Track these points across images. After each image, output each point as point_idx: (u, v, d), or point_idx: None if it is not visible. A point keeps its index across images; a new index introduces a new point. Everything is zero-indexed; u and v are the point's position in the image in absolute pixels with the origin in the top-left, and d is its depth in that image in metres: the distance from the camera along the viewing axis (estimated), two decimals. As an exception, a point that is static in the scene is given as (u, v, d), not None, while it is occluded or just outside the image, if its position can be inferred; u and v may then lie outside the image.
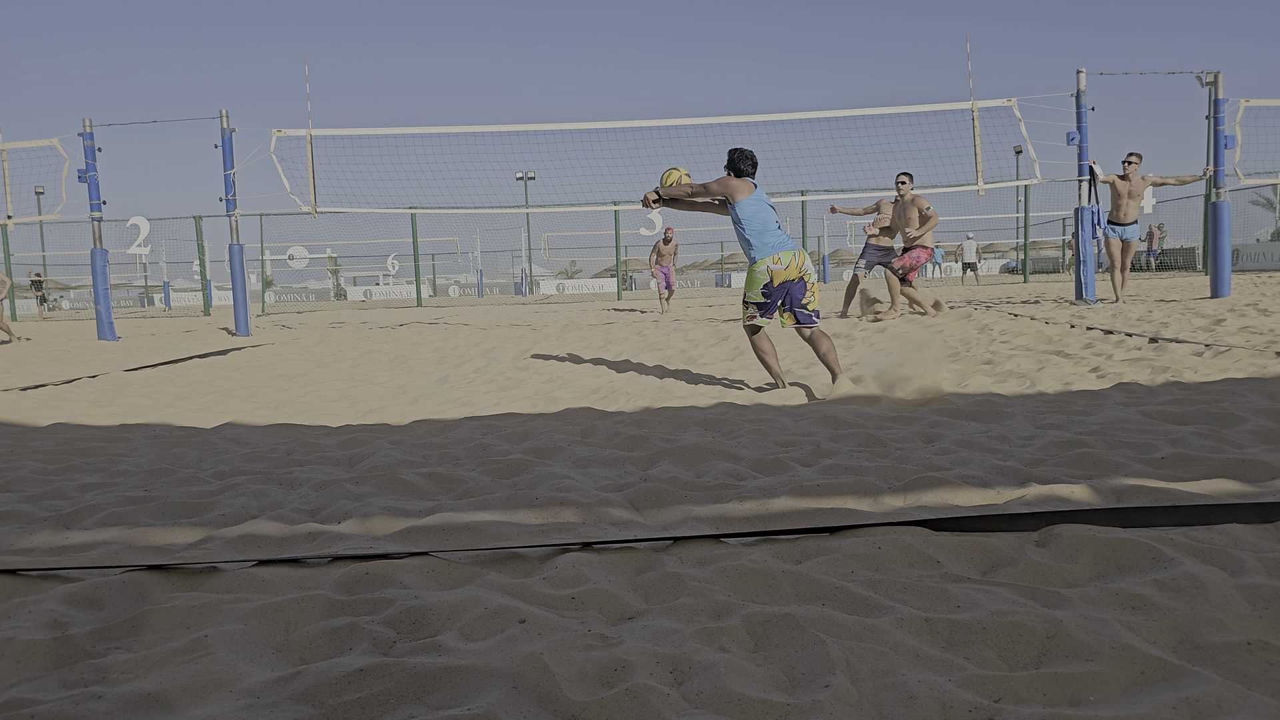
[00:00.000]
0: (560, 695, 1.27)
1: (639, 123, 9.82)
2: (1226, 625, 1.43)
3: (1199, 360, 4.74)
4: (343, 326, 11.98)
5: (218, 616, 1.60)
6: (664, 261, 12.99)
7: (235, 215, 10.03)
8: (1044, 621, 1.43)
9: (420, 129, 9.87)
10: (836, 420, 3.50)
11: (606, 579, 1.76)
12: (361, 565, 1.84)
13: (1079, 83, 9.35)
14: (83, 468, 3.15)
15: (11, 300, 21.12)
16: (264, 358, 7.60)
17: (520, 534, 2.10)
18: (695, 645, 1.42)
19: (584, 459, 2.98)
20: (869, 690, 1.27)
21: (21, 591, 1.77)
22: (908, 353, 4.54)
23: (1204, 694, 1.19)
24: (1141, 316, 7.58)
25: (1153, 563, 1.68)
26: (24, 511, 2.46)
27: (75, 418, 4.60)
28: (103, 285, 10.44)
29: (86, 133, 10.06)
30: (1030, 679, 1.28)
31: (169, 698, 1.30)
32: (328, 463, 3.15)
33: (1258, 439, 2.76)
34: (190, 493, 2.65)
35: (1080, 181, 9.45)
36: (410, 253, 21.80)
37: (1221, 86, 9.46)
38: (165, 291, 36.45)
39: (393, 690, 1.30)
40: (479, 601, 1.61)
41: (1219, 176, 9.57)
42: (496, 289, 44.70)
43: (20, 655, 1.45)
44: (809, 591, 1.65)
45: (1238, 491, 2.18)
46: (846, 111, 9.85)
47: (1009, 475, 2.47)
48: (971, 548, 1.84)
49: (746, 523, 2.16)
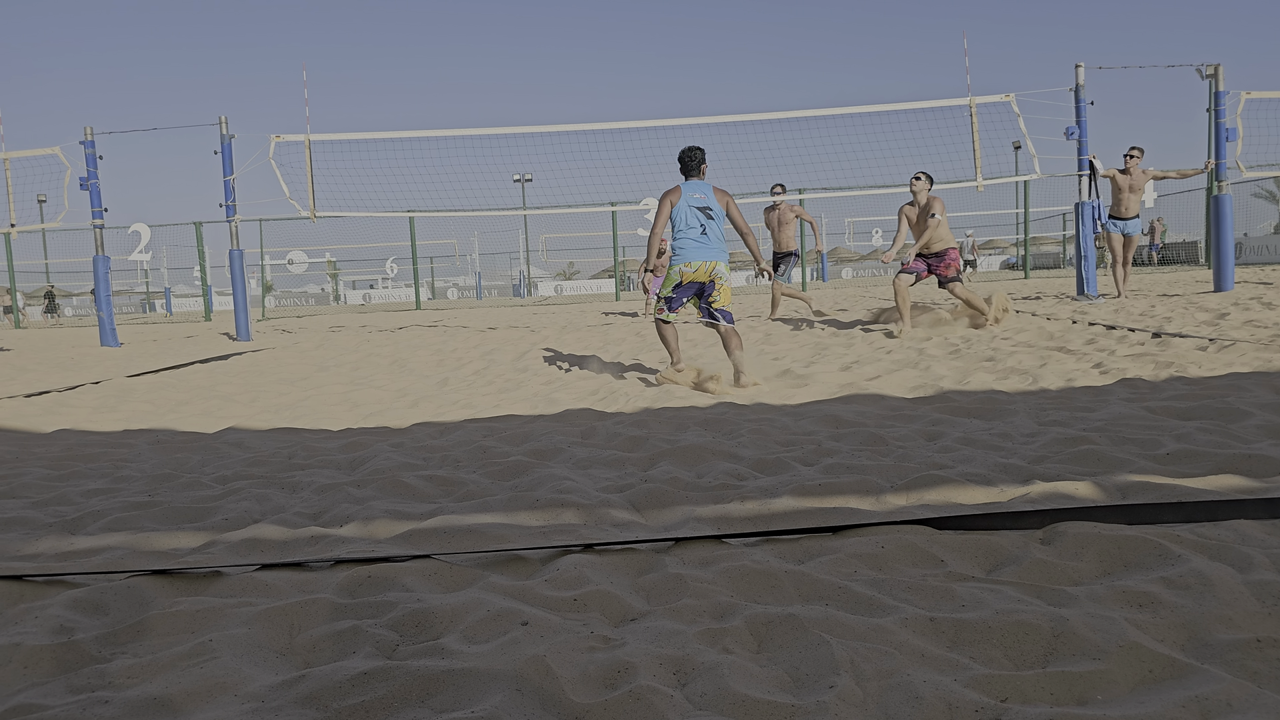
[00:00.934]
0: (563, 697, 1.27)
1: (635, 123, 9.82)
2: (1235, 622, 1.42)
3: (1203, 355, 4.72)
4: (342, 330, 11.99)
5: (222, 621, 1.60)
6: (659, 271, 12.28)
7: (235, 221, 10.04)
8: (1050, 620, 1.42)
9: (417, 132, 9.88)
10: (837, 419, 3.49)
11: (608, 580, 1.76)
12: (364, 568, 1.83)
13: (1078, 77, 9.33)
14: (87, 473, 3.16)
15: (15, 308, 21.20)
16: (265, 362, 7.61)
17: (521, 536, 2.09)
18: (698, 646, 1.41)
19: (584, 460, 2.97)
20: (874, 691, 1.26)
21: (28, 597, 1.77)
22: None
23: (1213, 692, 1.18)
24: (1144, 311, 7.56)
25: (1159, 560, 1.67)
26: (29, 518, 2.46)
27: (79, 424, 4.60)
28: (105, 292, 10.46)
29: (88, 140, 10.08)
30: (1037, 678, 1.27)
31: (174, 702, 1.29)
32: (329, 466, 3.15)
33: (1264, 434, 2.75)
34: (193, 497, 2.65)
35: (1080, 176, 9.43)
36: (409, 256, 21.81)
37: (1222, 79, 9.43)
38: (167, 297, 36.53)
39: (396, 693, 1.29)
40: (481, 604, 1.60)
41: (1220, 170, 9.55)
42: (495, 291, 44.74)
43: (27, 660, 1.45)
44: (812, 592, 1.64)
45: (1244, 487, 2.18)
46: (843, 109, 9.85)
47: (1012, 473, 2.46)
48: (976, 546, 1.83)
49: (748, 523, 2.15)
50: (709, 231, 5.20)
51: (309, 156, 9.61)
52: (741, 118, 9.74)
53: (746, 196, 16.36)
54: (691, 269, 5.17)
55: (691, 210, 5.23)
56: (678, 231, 5.23)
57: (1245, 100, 9.41)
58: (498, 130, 9.88)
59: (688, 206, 5.23)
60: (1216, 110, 9.45)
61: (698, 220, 5.21)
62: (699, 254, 5.18)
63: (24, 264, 23.20)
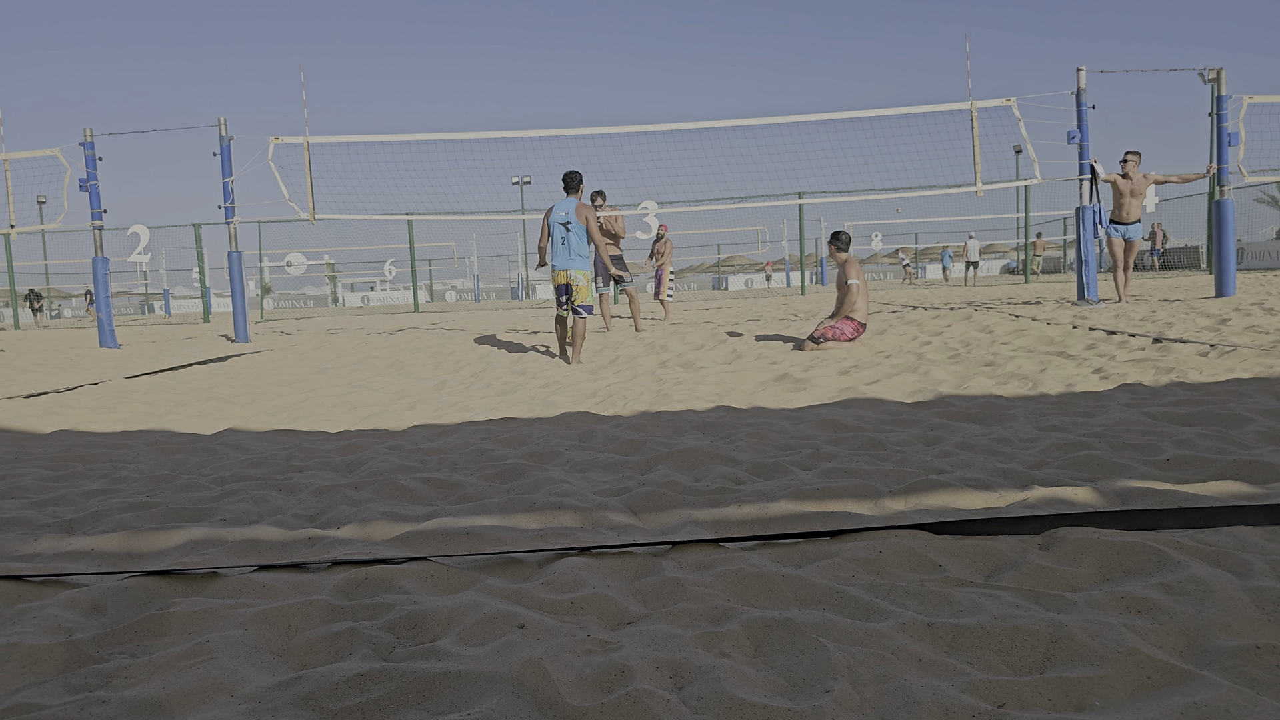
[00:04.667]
0: (560, 700, 1.26)
1: (633, 128, 9.83)
2: (1234, 629, 1.41)
3: (1204, 360, 4.72)
4: (341, 332, 11.98)
5: (219, 622, 1.59)
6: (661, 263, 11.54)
7: (234, 223, 10.04)
8: (1048, 626, 1.42)
9: (417, 135, 9.88)
10: (836, 424, 3.49)
11: (605, 584, 1.75)
12: (361, 570, 1.83)
13: (1079, 81, 9.33)
14: (85, 474, 3.15)
15: (14, 309, 21.21)
16: (263, 364, 7.60)
17: (518, 539, 2.09)
18: (695, 650, 1.41)
19: (582, 463, 2.97)
20: (871, 695, 1.26)
21: (26, 597, 1.77)
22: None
23: (1212, 699, 1.18)
24: (1145, 316, 7.56)
25: (1159, 566, 1.67)
26: (28, 518, 2.45)
27: (78, 424, 4.60)
28: (104, 293, 10.45)
29: (87, 142, 10.08)
30: (1034, 684, 1.27)
31: (171, 703, 1.29)
32: (327, 468, 3.14)
33: (1264, 440, 2.74)
34: (191, 499, 2.65)
35: (1081, 180, 9.43)
36: (407, 258, 21.81)
37: (1224, 83, 9.43)
38: (165, 299, 36.57)
39: (393, 695, 1.29)
40: (478, 606, 1.60)
41: (1222, 174, 9.55)
42: (493, 294, 44.75)
43: (25, 660, 1.45)
44: (809, 596, 1.64)
45: (1245, 493, 2.17)
46: (843, 114, 9.85)
47: (1011, 478, 2.45)
48: (974, 551, 1.83)
49: (746, 527, 2.15)
50: (568, 243, 6.49)
51: (308, 159, 9.61)
52: (741, 122, 9.74)
53: (747, 201, 16.35)
54: (556, 274, 6.57)
55: (556, 225, 6.51)
56: (551, 241, 6.60)
57: (1248, 105, 9.40)
58: (497, 134, 9.89)
59: (554, 222, 6.52)
60: (1219, 115, 9.43)
61: (560, 233, 6.51)
62: (559, 262, 6.55)
63: (23, 265, 23.21)
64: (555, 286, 6.59)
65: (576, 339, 6.45)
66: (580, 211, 6.51)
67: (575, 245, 6.49)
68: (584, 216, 6.50)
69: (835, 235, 6.96)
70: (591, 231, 6.49)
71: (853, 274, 6.73)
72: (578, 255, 6.51)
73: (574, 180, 6.67)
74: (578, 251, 6.50)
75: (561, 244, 6.51)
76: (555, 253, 6.54)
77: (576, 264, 6.50)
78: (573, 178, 6.67)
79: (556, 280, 6.57)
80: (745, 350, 6.74)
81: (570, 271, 6.48)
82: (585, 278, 6.53)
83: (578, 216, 6.49)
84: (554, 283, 6.59)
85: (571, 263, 6.49)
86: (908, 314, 9.11)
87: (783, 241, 36.13)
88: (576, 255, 6.50)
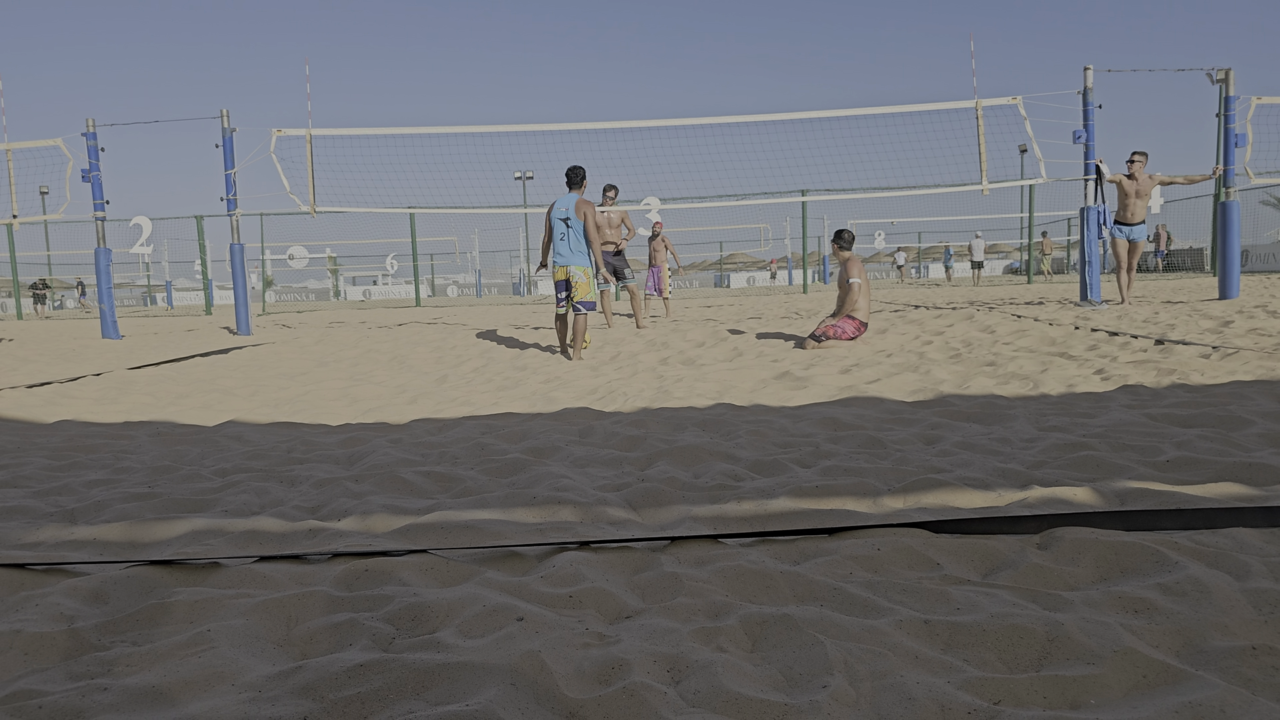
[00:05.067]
0: (558, 692, 1.27)
1: (637, 123, 9.81)
2: (1231, 630, 1.42)
3: (1206, 362, 4.72)
4: (342, 326, 11.99)
5: (220, 611, 1.60)
6: (656, 260, 11.15)
7: (236, 215, 10.04)
8: (1045, 624, 1.42)
9: (419, 129, 9.86)
10: (836, 422, 3.49)
11: (604, 578, 1.76)
12: (361, 562, 1.84)
13: (1086, 80, 9.30)
14: (88, 464, 3.16)
15: (17, 299, 21.24)
16: (265, 357, 7.61)
17: (518, 533, 2.10)
18: (692, 645, 1.42)
19: (582, 459, 2.98)
20: (867, 691, 1.27)
21: (29, 585, 1.78)
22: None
23: (1207, 699, 1.19)
24: (1148, 318, 7.55)
25: (1156, 566, 1.68)
26: (31, 507, 2.47)
27: (80, 415, 4.61)
28: (106, 284, 10.46)
29: (90, 133, 10.08)
30: (1030, 682, 1.27)
31: (172, 691, 1.30)
32: (328, 461, 3.15)
33: (1265, 442, 2.75)
34: (193, 489, 2.66)
35: (1086, 181, 9.41)
36: (409, 252, 21.84)
37: (1233, 84, 9.39)
38: (167, 290, 36.60)
39: (392, 686, 1.30)
40: (477, 599, 1.61)
41: (1229, 176, 9.51)
42: (495, 289, 44.75)
43: (28, 647, 1.46)
44: (807, 592, 1.65)
45: (1244, 495, 2.18)
46: (848, 111, 9.83)
47: (1010, 478, 2.46)
48: (972, 550, 1.83)
49: (744, 523, 2.16)
50: (568, 239, 6.48)
51: (310, 151, 9.61)
52: (745, 118, 9.72)
53: (750, 198, 16.33)
54: (556, 269, 6.58)
55: (557, 221, 6.51)
56: (553, 238, 6.57)
57: (1256, 105, 9.36)
58: (500, 128, 9.88)
59: (555, 218, 6.52)
60: (1226, 115, 9.40)
61: (561, 229, 6.50)
62: (559, 258, 6.54)
63: (25, 255, 23.21)
64: (555, 282, 6.59)
65: (577, 336, 6.44)
66: (580, 208, 6.49)
67: (575, 241, 6.49)
68: (583, 213, 6.48)
69: (838, 234, 6.94)
70: (588, 229, 6.47)
71: (855, 273, 6.73)
72: (578, 251, 6.51)
73: (576, 175, 6.65)
74: (578, 247, 6.51)
75: (562, 240, 6.50)
76: (556, 248, 6.55)
77: (577, 260, 6.50)
78: (575, 173, 6.65)
79: (556, 276, 6.57)
80: (746, 348, 6.74)
81: (570, 267, 6.48)
82: (586, 274, 6.52)
83: (577, 213, 6.48)
84: (554, 278, 6.59)
85: (572, 258, 6.49)
86: (909, 313, 9.11)
87: (785, 239, 36.12)
88: (577, 251, 6.51)
